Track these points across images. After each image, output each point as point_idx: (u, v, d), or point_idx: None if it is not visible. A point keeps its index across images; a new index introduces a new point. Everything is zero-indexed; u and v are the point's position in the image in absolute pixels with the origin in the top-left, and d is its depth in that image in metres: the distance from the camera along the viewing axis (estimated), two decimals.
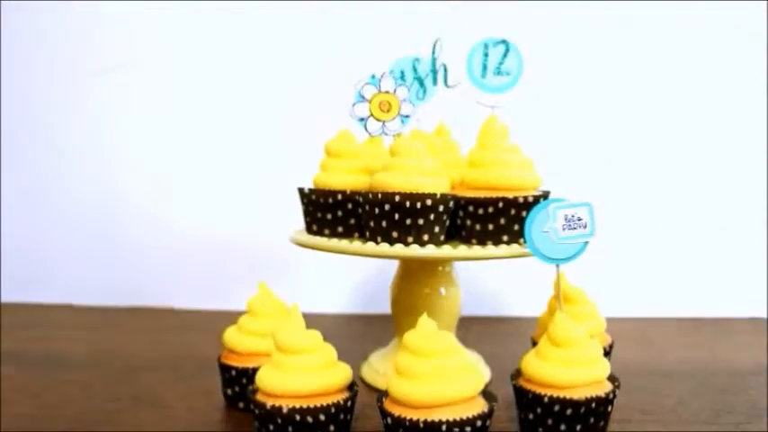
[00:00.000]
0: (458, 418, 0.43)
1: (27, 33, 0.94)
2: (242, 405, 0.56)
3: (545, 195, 0.57)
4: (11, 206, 0.97)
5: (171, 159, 0.94)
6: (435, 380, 0.43)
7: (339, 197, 0.57)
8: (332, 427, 0.46)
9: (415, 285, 0.62)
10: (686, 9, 0.87)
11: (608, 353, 0.62)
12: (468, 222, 0.55)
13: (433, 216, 0.53)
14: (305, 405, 0.45)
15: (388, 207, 0.52)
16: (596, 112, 0.89)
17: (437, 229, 0.54)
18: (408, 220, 0.52)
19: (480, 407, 0.45)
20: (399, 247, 0.53)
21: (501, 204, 0.53)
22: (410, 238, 0.53)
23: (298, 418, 0.45)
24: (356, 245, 0.55)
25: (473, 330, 0.72)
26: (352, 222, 0.58)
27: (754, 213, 0.89)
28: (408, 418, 0.43)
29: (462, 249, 0.54)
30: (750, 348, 0.75)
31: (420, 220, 0.52)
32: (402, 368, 0.45)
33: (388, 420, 0.45)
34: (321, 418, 0.46)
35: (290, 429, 0.45)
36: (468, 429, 0.43)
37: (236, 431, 0.52)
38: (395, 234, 0.53)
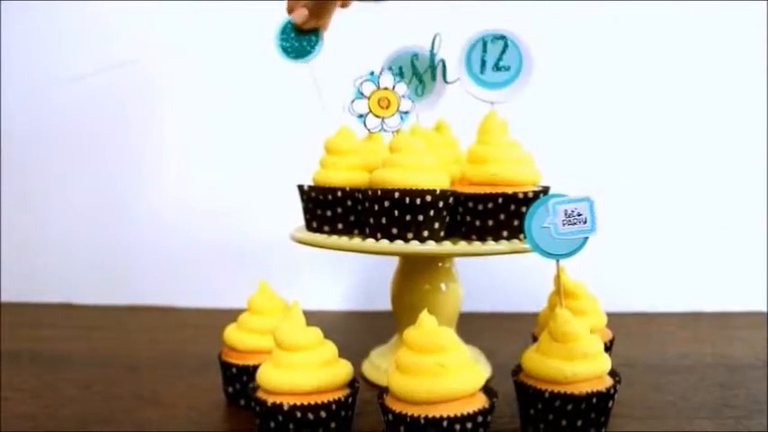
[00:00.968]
0: (459, 414, 0.43)
1: (26, 32, 0.94)
2: (243, 402, 0.56)
3: (545, 191, 0.57)
4: (10, 205, 0.97)
5: (170, 157, 0.94)
6: (436, 376, 0.43)
7: (339, 194, 0.57)
8: (333, 424, 0.46)
9: (415, 282, 0.62)
10: (686, 4, 0.87)
11: (609, 348, 0.61)
12: (468, 218, 0.55)
13: (432, 212, 0.52)
14: (306, 402, 0.45)
15: (387, 203, 0.52)
16: (596, 108, 0.89)
17: (437, 226, 0.54)
18: (408, 217, 0.52)
19: (481, 402, 0.45)
20: (399, 244, 0.52)
21: (501, 200, 0.53)
22: (410, 235, 0.53)
23: (299, 415, 0.45)
24: (356, 242, 0.55)
25: (473, 326, 0.72)
26: (351, 219, 0.58)
27: (753, 208, 0.89)
28: (409, 414, 0.43)
29: (462, 245, 0.54)
30: (750, 342, 0.75)
31: (420, 217, 0.52)
32: (403, 364, 0.45)
33: (390, 417, 0.45)
34: (322, 414, 0.46)
35: (291, 426, 0.45)
36: (469, 425, 0.43)
37: (237, 429, 0.52)
38: (395, 230, 0.53)
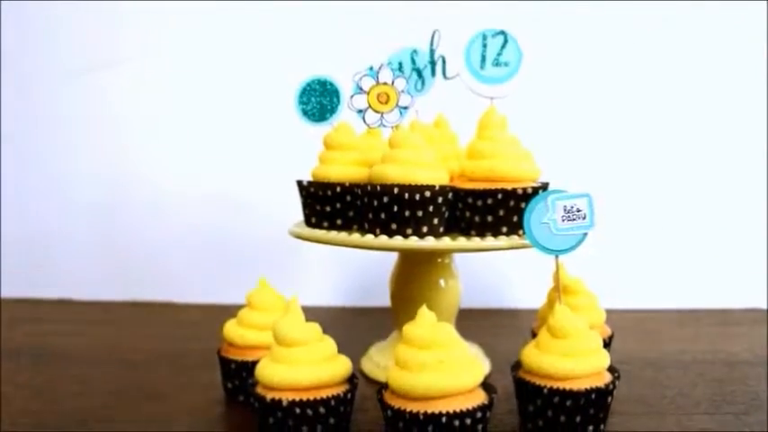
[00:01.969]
0: (458, 410, 0.43)
1: (27, 30, 0.94)
2: (242, 398, 0.56)
3: (544, 187, 0.57)
4: (11, 201, 0.97)
5: (170, 153, 0.94)
6: (435, 372, 0.43)
7: (338, 189, 0.57)
8: (332, 420, 0.46)
9: (414, 277, 0.62)
10: (686, 4, 0.86)
11: (608, 344, 0.62)
12: (468, 214, 0.55)
13: (431, 208, 0.52)
14: (305, 398, 0.45)
15: (386, 199, 0.52)
16: (595, 104, 0.89)
17: (436, 221, 0.53)
18: (407, 212, 0.52)
19: (480, 398, 0.45)
20: (398, 240, 0.52)
21: (500, 196, 0.53)
22: (409, 230, 0.53)
23: (298, 410, 0.45)
24: (355, 237, 0.55)
25: (473, 322, 0.72)
26: (351, 215, 0.58)
27: (753, 204, 0.89)
28: (408, 410, 0.43)
29: (461, 241, 0.54)
30: (749, 339, 0.75)
31: (419, 212, 0.52)
32: (402, 360, 0.45)
33: (389, 412, 0.45)
34: (321, 410, 0.46)
35: (290, 422, 0.45)
36: (468, 421, 0.43)
37: (236, 424, 0.52)
38: (394, 226, 0.53)
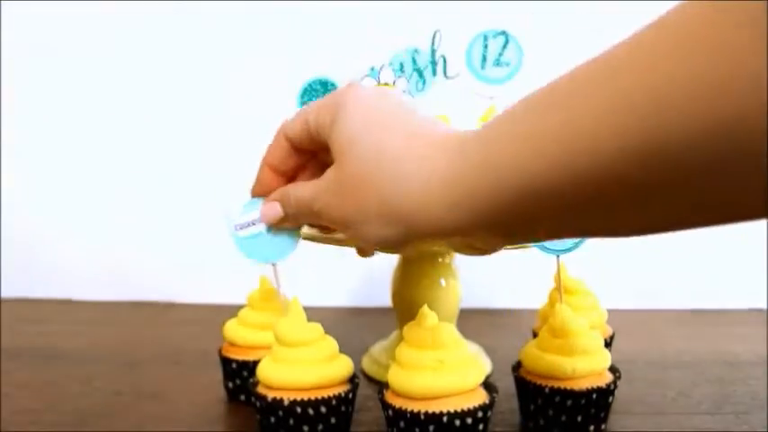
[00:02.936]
0: (459, 410, 0.43)
1: (27, 30, 0.94)
2: (243, 398, 0.56)
3: None
4: (11, 201, 0.97)
5: (171, 152, 0.94)
6: (436, 371, 0.43)
7: None
8: (333, 420, 0.46)
9: (415, 277, 0.62)
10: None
11: (609, 344, 0.62)
12: None
13: None
14: (306, 397, 0.45)
15: None
16: None
17: None
18: None
19: (481, 398, 0.45)
20: None
21: None
22: None
23: (299, 410, 0.45)
24: None
25: (474, 322, 0.72)
26: None
27: None
28: (409, 409, 0.43)
29: None
30: (750, 339, 0.75)
31: None
32: (403, 360, 0.45)
33: (390, 412, 0.45)
34: (322, 410, 0.46)
35: (291, 422, 0.45)
36: (470, 421, 0.43)
37: (237, 424, 0.53)
38: None
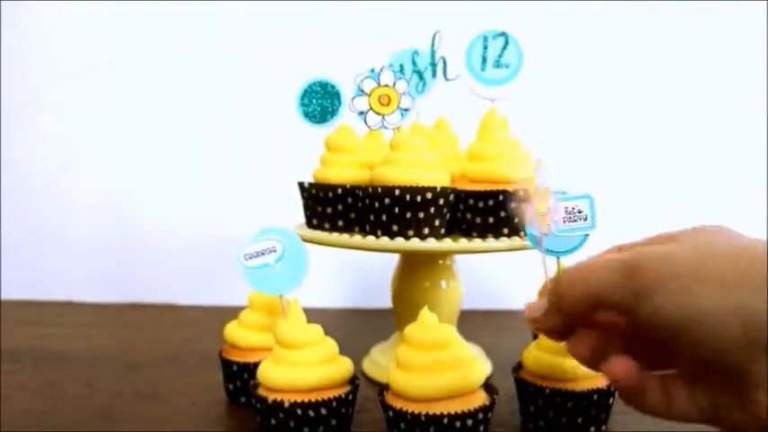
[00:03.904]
0: (459, 411, 0.43)
1: (27, 32, 0.94)
2: (244, 400, 0.56)
3: None
4: (11, 203, 0.97)
5: (171, 155, 0.94)
6: (436, 373, 0.43)
7: (339, 191, 0.57)
8: (333, 421, 0.46)
9: (415, 279, 0.62)
10: (686, 3, 0.87)
11: None
12: (469, 215, 0.55)
13: (433, 209, 0.52)
14: (306, 399, 0.45)
15: (388, 201, 0.52)
16: (596, 105, 0.89)
17: (437, 223, 0.54)
18: (408, 214, 0.52)
19: (482, 399, 0.45)
20: (400, 241, 0.53)
21: (501, 197, 0.53)
22: (410, 232, 0.53)
23: (299, 412, 0.45)
24: (356, 239, 0.55)
25: (474, 323, 0.72)
26: (352, 216, 0.58)
27: (753, 204, 0.89)
28: (410, 411, 0.43)
29: (463, 242, 0.54)
30: None
31: (420, 214, 0.52)
32: (403, 361, 0.45)
33: (390, 414, 0.45)
34: (323, 411, 0.46)
35: (291, 423, 0.45)
36: (470, 422, 0.43)
37: (237, 426, 0.52)
38: (395, 228, 0.53)
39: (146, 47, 0.93)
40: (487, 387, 0.47)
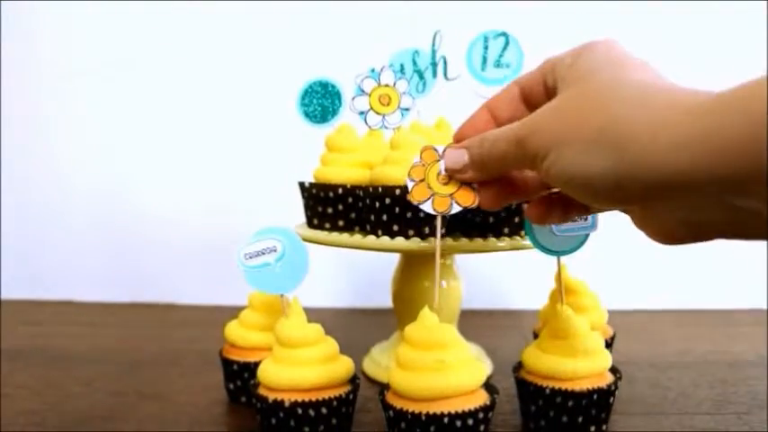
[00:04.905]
0: (459, 411, 0.43)
1: (27, 32, 0.94)
2: (244, 399, 0.56)
3: None
4: (12, 203, 0.97)
5: (172, 154, 0.94)
6: (437, 372, 0.43)
7: (339, 191, 0.57)
8: (334, 421, 0.46)
9: (416, 278, 0.62)
10: (686, 3, 0.87)
11: (609, 345, 0.62)
12: (469, 215, 0.55)
13: None
14: (307, 399, 0.45)
15: (388, 200, 0.52)
16: None
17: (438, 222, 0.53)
18: (409, 214, 0.52)
19: (482, 399, 0.45)
20: (400, 241, 0.53)
21: None
22: (411, 232, 0.53)
23: (300, 411, 0.45)
24: (357, 239, 0.55)
25: (474, 323, 0.72)
26: (352, 216, 0.58)
27: None
28: (410, 410, 0.43)
29: (463, 242, 0.54)
30: (750, 339, 0.75)
31: (421, 213, 0.52)
32: (403, 361, 0.45)
33: (390, 413, 0.45)
34: (323, 411, 0.46)
35: (292, 423, 0.45)
36: (471, 422, 0.43)
37: (238, 425, 0.52)
38: (395, 227, 0.53)
39: (145, 47, 0.93)
40: (488, 387, 0.47)
